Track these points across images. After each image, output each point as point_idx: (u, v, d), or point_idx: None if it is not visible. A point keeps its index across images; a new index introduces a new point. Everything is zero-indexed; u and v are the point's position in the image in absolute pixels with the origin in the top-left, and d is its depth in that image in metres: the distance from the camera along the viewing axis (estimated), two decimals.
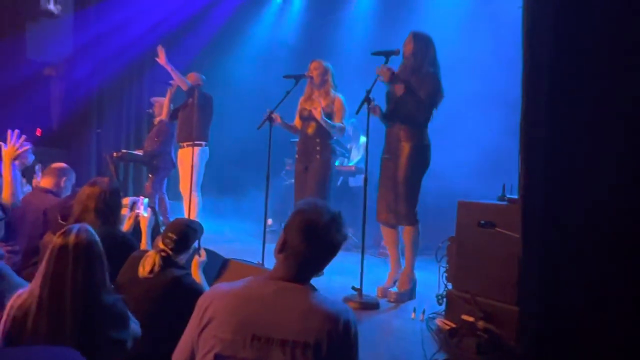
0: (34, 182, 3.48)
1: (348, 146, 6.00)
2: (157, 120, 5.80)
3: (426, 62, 3.35)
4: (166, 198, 5.93)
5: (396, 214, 3.42)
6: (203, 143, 4.99)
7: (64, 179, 3.29)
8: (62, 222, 2.78)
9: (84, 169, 6.36)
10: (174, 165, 5.69)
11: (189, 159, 4.80)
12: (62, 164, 3.38)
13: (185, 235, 2.37)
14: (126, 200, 2.92)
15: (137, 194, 6.09)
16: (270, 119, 3.59)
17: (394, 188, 3.41)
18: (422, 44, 3.31)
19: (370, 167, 3.35)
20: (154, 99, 5.80)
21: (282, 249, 1.47)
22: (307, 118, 3.94)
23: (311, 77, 3.89)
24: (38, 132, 6.29)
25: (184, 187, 5.03)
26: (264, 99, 6.94)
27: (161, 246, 2.32)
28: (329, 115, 3.85)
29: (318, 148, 3.88)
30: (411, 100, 3.29)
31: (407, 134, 3.38)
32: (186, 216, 4.82)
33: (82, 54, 6.51)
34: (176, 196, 6.05)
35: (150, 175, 5.65)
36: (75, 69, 6.54)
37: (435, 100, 3.35)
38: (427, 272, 3.77)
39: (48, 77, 6.69)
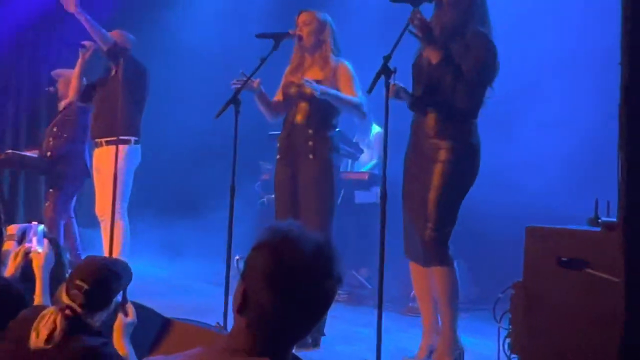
0: None
1: (354, 140, 6.02)
2: (62, 104, 5.82)
3: (473, 18, 3.36)
4: (75, 224, 5.92)
5: (423, 248, 3.43)
6: (132, 139, 5.00)
7: None
8: None
9: None
10: (88, 174, 5.69)
11: (109, 164, 4.78)
12: None
13: (102, 282, 2.35)
14: (12, 229, 2.91)
15: (29, 218, 6.07)
16: (235, 100, 3.58)
17: (422, 207, 3.40)
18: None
19: (390, 173, 3.33)
20: (58, 72, 5.82)
21: (242, 305, 1.43)
22: (294, 97, 3.93)
23: (299, 37, 3.89)
24: None
25: (101, 207, 5.01)
26: (229, 71, 7.08)
27: (66, 301, 2.30)
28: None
29: (311, 143, 3.86)
30: (451, 75, 3.30)
31: (445, 128, 3.39)
32: (105, 252, 4.79)
33: None
34: (91, 221, 6.03)
35: (51, 190, 5.65)
36: None
37: (488, 75, 3.37)
38: (480, 337, 3.74)
39: None
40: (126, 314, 2.56)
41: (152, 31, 6.83)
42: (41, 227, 2.87)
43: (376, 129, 6.06)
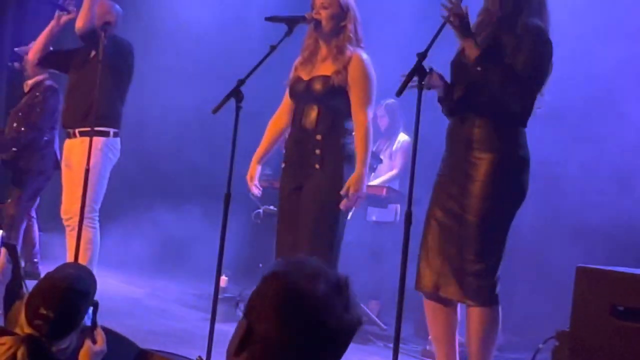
0: None
1: (374, 148, 6.01)
2: (29, 83, 5.80)
3: (527, 8, 3.35)
4: (36, 226, 5.91)
5: (459, 282, 3.39)
6: (110, 131, 4.91)
7: None
8: None
9: None
10: (56, 167, 5.68)
11: (81, 158, 4.75)
12: None
13: (70, 308, 2.33)
14: None
15: None
16: (236, 94, 3.53)
17: (459, 233, 3.38)
18: None
19: (416, 189, 3.30)
20: (24, 49, 5.80)
21: (243, 344, 1.48)
22: (303, 95, 3.90)
23: (316, 22, 3.83)
24: None
25: (68, 207, 4.96)
26: (228, 57, 7.20)
27: (28, 331, 2.28)
28: (337, 90, 3.81)
29: (318, 151, 3.83)
30: (500, 74, 3.29)
31: (490, 137, 3.37)
32: (69, 259, 4.77)
33: None
34: (54, 224, 6.01)
35: (13, 185, 5.65)
36: None
37: (541, 75, 3.35)
38: None
39: None
40: (95, 341, 2.51)
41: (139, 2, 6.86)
42: None
43: (402, 137, 6.06)
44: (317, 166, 3.83)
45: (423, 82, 3.08)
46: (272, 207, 6.25)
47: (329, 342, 1.50)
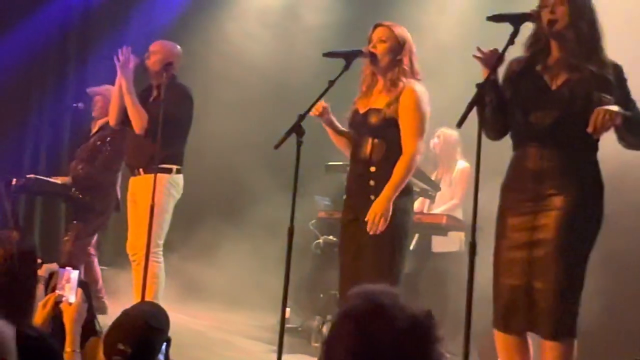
0: None
1: (433, 176, 6.00)
2: (97, 124, 5.97)
3: (594, 40, 3.29)
4: (96, 263, 6.01)
5: (533, 313, 3.34)
6: (173, 168, 5.04)
7: None
8: None
9: None
10: (118, 208, 5.84)
11: (146, 194, 4.87)
12: None
13: (146, 344, 2.40)
14: (40, 271, 2.89)
15: (48, 255, 6.24)
16: (297, 129, 3.56)
17: (533, 264, 3.30)
18: (581, 5, 3.27)
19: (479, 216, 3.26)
20: (95, 90, 6.00)
21: None
22: (359, 128, 3.91)
23: (373, 55, 3.85)
24: None
25: (134, 243, 5.08)
26: (286, 94, 7.26)
27: None
28: (390, 122, 3.81)
29: (372, 182, 3.82)
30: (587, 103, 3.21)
31: (570, 165, 3.29)
32: (136, 296, 4.86)
33: None
34: (114, 259, 6.14)
35: (74, 222, 5.78)
36: None
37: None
38: None
39: None
40: None
41: (201, 41, 7.01)
42: (75, 273, 2.88)
43: (462, 164, 6.03)
44: (372, 197, 3.80)
45: (484, 104, 3.08)
46: (331, 237, 6.30)
47: None
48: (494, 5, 3.91)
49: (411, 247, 5.30)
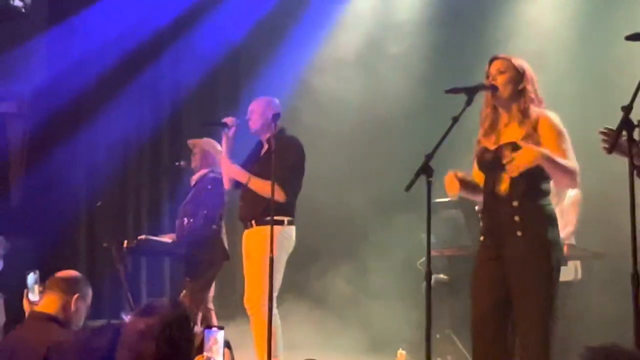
0: (26, 304, 3.67)
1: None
2: (194, 178, 6.04)
3: None
4: (214, 317, 6.02)
5: None
6: (285, 219, 5.02)
7: (76, 297, 3.41)
8: None
9: (68, 268, 6.69)
10: (225, 257, 5.86)
11: (258, 246, 4.90)
12: (71, 273, 3.53)
13: None
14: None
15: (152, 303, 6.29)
16: (426, 170, 3.48)
17: None
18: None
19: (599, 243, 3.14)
20: (194, 142, 6.09)
21: None
22: (492, 165, 3.82)
23: (494, 88, 3.80)
24: None
25: (249, 296, 5.08)
26: (382, 126, 7.43)
27: None
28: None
29: (517, 218, 3.71)
30: None
31: None
32: (257, 349, 4.86)
33: (62, 78, 7.11)
34: (229, 312, 6.15)
35: (187, 278, 5.81)
36: (50, 103, 7.09)
37: None
38: None
39: (4, 115, 7.32)
40: None
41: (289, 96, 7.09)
42: (221, 333, 2.89)
43: (572, 191, 5.87)
44: (518, 233, 3.70)
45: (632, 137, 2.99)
46: (442, 276, 6.20)
47: None
48: None
49: None
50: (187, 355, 2.59)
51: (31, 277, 2.99)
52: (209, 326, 2.93)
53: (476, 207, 5.85)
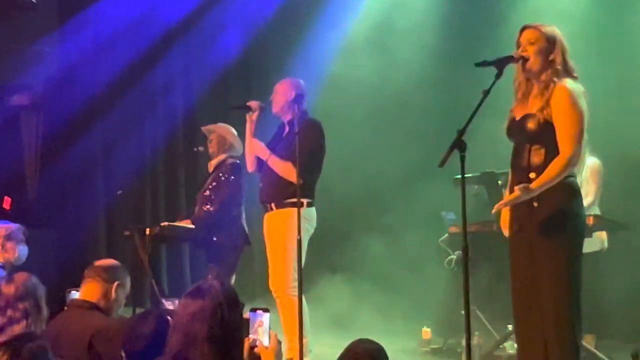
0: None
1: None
2: (212, 163, 6.01)
3: None
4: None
5: None
6: (304, 201, 4.95)
7: (115, 284, 3.45)
8: None
9: (85, 261, 6.74)
10: (246, 241, 5.86)
11: (279, 229, 4.93)
12: (110, 262, 3.57)
13: None
14: None
15: (172, 289, 6.32)
16: (459, 145, 3.43)
17: None
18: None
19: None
20: (209, 128, 6.06)
21: None
22: (517, 135, 3.80)
23: (524, 60, 3.72)
24: (6, 203, 6.76)
25: (274, 280, 5.08)
26: (400, 102, 7.49)
27: None
28: (545, 126, 3.67)
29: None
30: None
31: None
32: (286, 331, 4.86)
33: (75, 70, 7.10)
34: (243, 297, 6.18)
35: (210, 264, 5.81)
36: (63, 95, 7.09)
37: None
38: None
39: (18, 109, 7.30)
40: None
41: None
42: (267, 315, 2.86)
43: (591, 161, 5.84)
44: (535, 204, 3.69)
45: None
46: (455, 255, 6.22)
47: None
48: None
49: None
50: (238, 336, 2.62)
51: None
52: (254, 309, 2.90)
53: (499, 182, 5.88)
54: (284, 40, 7.84)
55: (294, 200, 4.80)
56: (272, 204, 5.12)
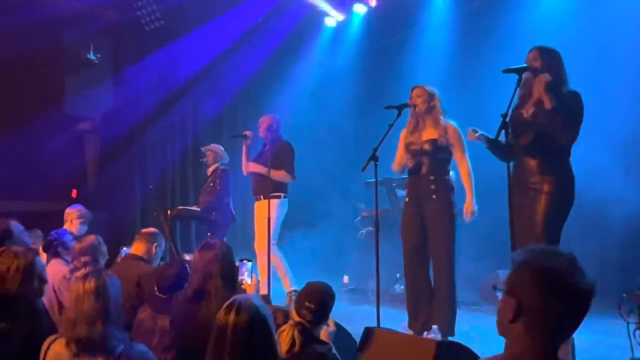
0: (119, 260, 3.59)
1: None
2: (210, 170, 5.92)
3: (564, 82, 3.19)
4: None
5: None
6: (281, 195, 5.03)
7: (155, 244, 3.38)
8: (160, 294, 2.82)
9: (128, 231, 6.57)
10: (233, 219, 5.77)
11: (265, 212, 4.87)
12: (152, 229, 3.50)
13: (325, 303, 2.38)
14: None
15: (184, 251, 6.15)
16: (375, 158, 3.49)
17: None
18: (552, 60, 3.15)
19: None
20: (207, 148, 5.95)
21: (516, 315, 1.39)
22: (416, 152, 3.80)
23: (414, 106, 3.76)
24: (73, 194, 6.52)
25: (258, 244, 5.07)
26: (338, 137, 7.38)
27: (297, 319, 2.32)
28: (444, 149, 3.72)
29: (433, 187, 3.73)
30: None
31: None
32: (262, 276, 4.79)
33: (122, 106, 6.88)
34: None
35: (209, 233, 5.69)
36: (114, 123, 6.88)
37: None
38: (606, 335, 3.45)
39: (83, 132, 7.05)
40: (329, 325, 2.54)
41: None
42: (249, 264, 2.86)
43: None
44: (434, 197, 3.72)
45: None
46: (370, 228, 6.24)
47: (575, 306, 1.37)
48: None
49: None
50: (236, 274, 2.59)
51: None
52: (241, 259, 2.88)
53: (393, 184, 5.93)
54: (261, 91, 7.70)
55: (275, 194, 4.92)
56: (261, 196, 5.08)
